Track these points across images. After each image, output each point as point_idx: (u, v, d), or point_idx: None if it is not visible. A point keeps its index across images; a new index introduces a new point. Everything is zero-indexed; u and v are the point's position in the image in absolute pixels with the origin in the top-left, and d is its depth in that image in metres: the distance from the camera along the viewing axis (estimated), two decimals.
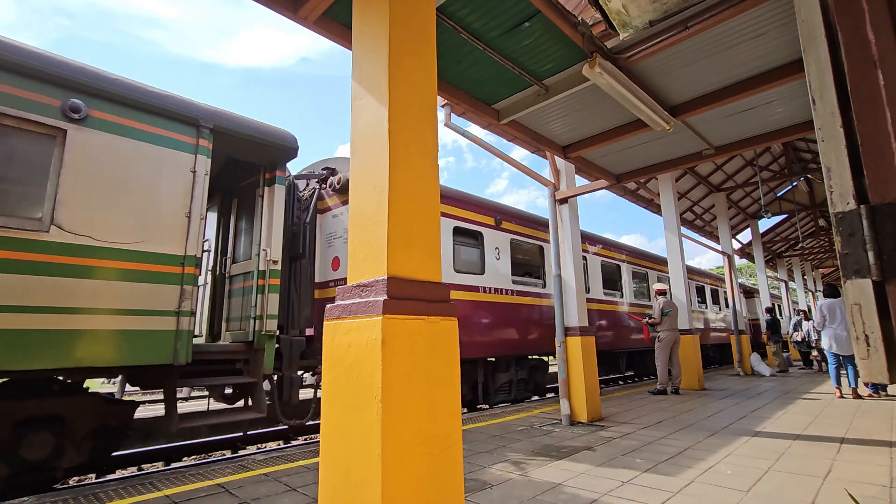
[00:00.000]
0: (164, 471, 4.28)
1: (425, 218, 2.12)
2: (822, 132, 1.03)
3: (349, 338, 1.96)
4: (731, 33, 3.98)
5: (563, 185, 6.35)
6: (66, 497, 3.13)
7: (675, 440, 4.43)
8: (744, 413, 5.84)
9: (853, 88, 0.97)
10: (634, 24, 3.52)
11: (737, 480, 3.17)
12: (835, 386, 7.15)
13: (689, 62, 4.35)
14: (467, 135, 5.12)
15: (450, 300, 2.14)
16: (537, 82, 4.48)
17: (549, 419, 5.78)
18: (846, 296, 0.96)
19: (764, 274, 15.37)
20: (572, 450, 4.16)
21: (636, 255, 12.33)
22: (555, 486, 3.13)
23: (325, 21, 3.49)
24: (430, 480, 1.86)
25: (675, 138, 5.86)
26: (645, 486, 3.08)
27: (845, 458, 3.64)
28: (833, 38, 1.04)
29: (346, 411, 1.92)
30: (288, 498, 3.04)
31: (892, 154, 0.90)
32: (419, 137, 2.17)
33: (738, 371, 11.39)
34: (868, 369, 0.93)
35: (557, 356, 5.70)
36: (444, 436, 1.96)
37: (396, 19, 2.17)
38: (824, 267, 27.03)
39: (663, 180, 9.84)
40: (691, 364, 8.68)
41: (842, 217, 0.97)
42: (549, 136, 5.77)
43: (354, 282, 2.06)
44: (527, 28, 3.75)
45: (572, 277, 5.96)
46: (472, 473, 3.49)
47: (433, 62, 2.35)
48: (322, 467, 2.01)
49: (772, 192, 14.76)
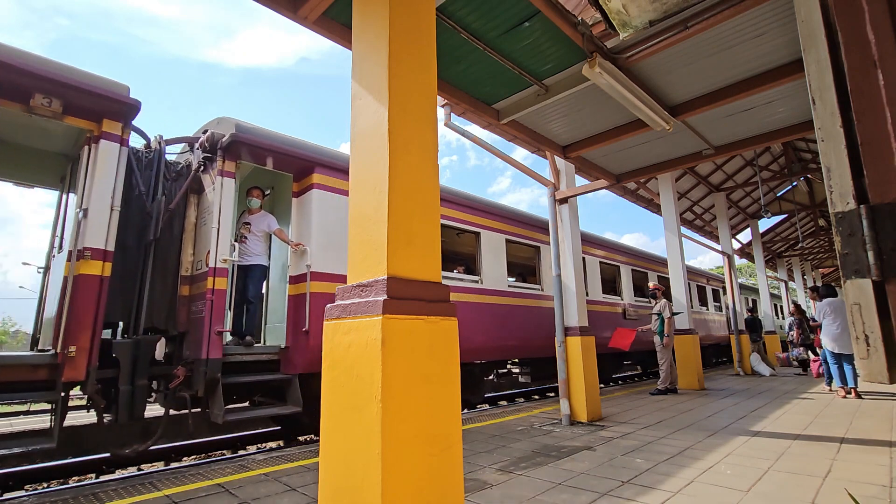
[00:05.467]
0: (164, 471, 4.28)
1: (425, 217, 2.12)
2: (822, 132, 1.03)
3: (349, 338, 1.96)
4: (731, 33, 3.98)
5: (563, 185, 6.35)
6: (66, 497, 3.13)
7: (675, 440, 4.43)
8: (744, 413, 5.84)
9: (853, 88, 0.97)
10: (634, 23, 3.52)
11: (737, 480, 3.17)
12: (838, 385, 7.15)
13: (689, 62, 4.35)
14: (467, 134, 5.12)
15: (450, 300, 2.14)
16: (537, 82, 4.48)
17: (549, 419, 5.78)
18: (846, 296, 0.96)
19: (764, 274, 15.37)
20: (572, 450, 4.16)
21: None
22: (555, 486, 3.13)
23: (325, 21, 3.49)
24: (429, 480, 1.86)
25: (675, 138, 5.86)
26: (645, 486, 3.08)
27: (845, 458, 3.64)
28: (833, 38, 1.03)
29: (346, 411, 1.92)
30: (288, 498, 3.04)
31: (892, 154, 0.90)
32: (419, 137, 2.17)
33: (738, 371, 11.40)
34: (868, 369, 0.93)
35: (557, 356, 5.70)
36: (444, 436, 1.96)
37: (396, 19, 2.17)
38: (824, 267, 27.02)
39: (663, 180, 9.84)
40: (691, 364, 8.68)
41: (842, 217, 0.96)
42: (549, 136, 5.77)
43: (354, 282, 2.06)
44: (527, 28, 3.75)
45: (572, 278, 5.96)
46: (472, 473, 3.49)
47: (433, 62, 2.35)
48: (322, 467, 2.01)
49: (772, 192, 14.75)
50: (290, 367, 5.07)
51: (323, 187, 5.47)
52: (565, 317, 5.83)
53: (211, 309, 4.54)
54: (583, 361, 5.63)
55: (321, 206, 5.38)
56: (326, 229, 5.36)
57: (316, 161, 5.46)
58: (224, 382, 4.51)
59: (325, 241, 5.32)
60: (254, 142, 4.98)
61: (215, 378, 4.42)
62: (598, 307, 9.89)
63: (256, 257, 5.41)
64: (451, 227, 7.12)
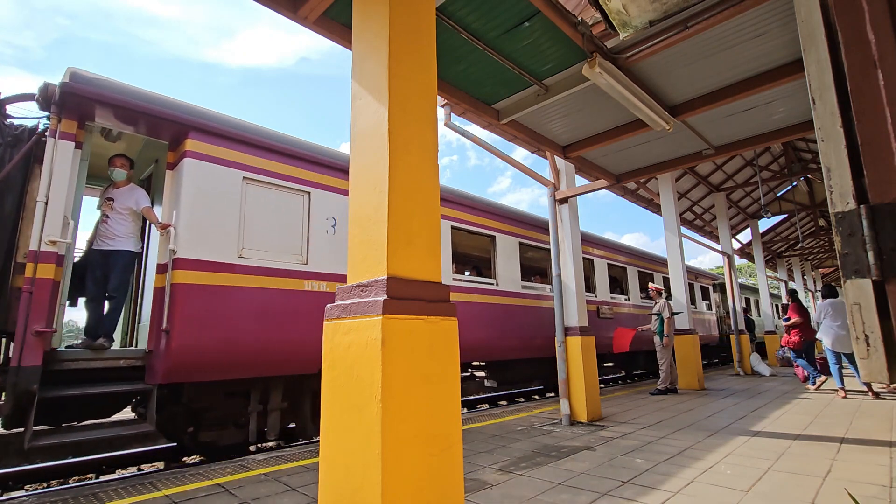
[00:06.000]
0: (164, 471, 4.27)
1: (425, 217, 2.12)
2: (822, 132, 1.03)
3: (349, 338, 1.96)
4: (731, 33, 3.98)
5: (563, 185, 6.36)
6: (66, 497, 3.13)
7: (675, 440, 4.43)
8: (744, 413, 5.84)
9: (853, 88, 0.97)
10: (634, 23, 3.52)
11: (737, 480, 3.17)
12: (838, 386, 7.17)
13: (689, 62, 4.35)
14: (467, 134, 5.12)
15: (450, 300, 2.14)
16: (537, 82, 4.48)
17: (549, 419, 5.78)
18: (846, 296, 0.96)
19: (764, 274, 15.36)
20: (572, 450, 4.16)
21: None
22: (555, 486, 3.13)
23: (325, 21, 3.50)
24: (430, 480, 1.86)
25: (675, 138, 5.86)
26: (645, 486, 3.08)
27: (845, 458, 3.64)
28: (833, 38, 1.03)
29: (346, 411, 1.92)
30: (288, 498, 3.04)
31: (892, 154, 0.90)
32: (419, 137, 2.17)
33: (738, 371, 11.39)
34: (868, 369, 0.93)
35: (557, 356, 5.70)
36: (444, 436, 1.96)
37: (396, 19, 2.17)
38: (824, 267, 27.02)
39: (663, 180, 9.84)
40: (691, 364, 8.68)
41: (842, 217, 0.97)
42: (549, 136, 5.77)
43: (354, 282, 2.06)
44: (527, 28, 3.75)
45: (572, 278, 5.96)
46: (472, 473, 3.49)
47: (433, 62, 2.35)
48: (322, 467, 2.01)
49: (772, 192, 14.75)
50: (151, 375, 4.22)
51: (199, 156, 4.49)
52: (565, 316, 5.83)
53: (29, 303, 3.60)
54: (583, 361, 5.64)
55: (194, 178, 4.42)
56: (200, 207, 4.41)
57: (190, 124, 4.49)
58: (49, 396, 3.64)
59: (197, 221, 4.38)
60: (94, 95, 3.96)
61: (28, 391, 3.48)
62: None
63: (121, 241, 4.42)
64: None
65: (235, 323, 4.46)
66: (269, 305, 4.71)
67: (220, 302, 4.39)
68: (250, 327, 4.54)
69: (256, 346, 4.57)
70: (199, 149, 4.53)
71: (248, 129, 4.97)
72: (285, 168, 5.16)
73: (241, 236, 4.68)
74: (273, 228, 4.97)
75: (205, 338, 4.26)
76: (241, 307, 4.53)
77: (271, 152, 5.07)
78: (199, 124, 4.56)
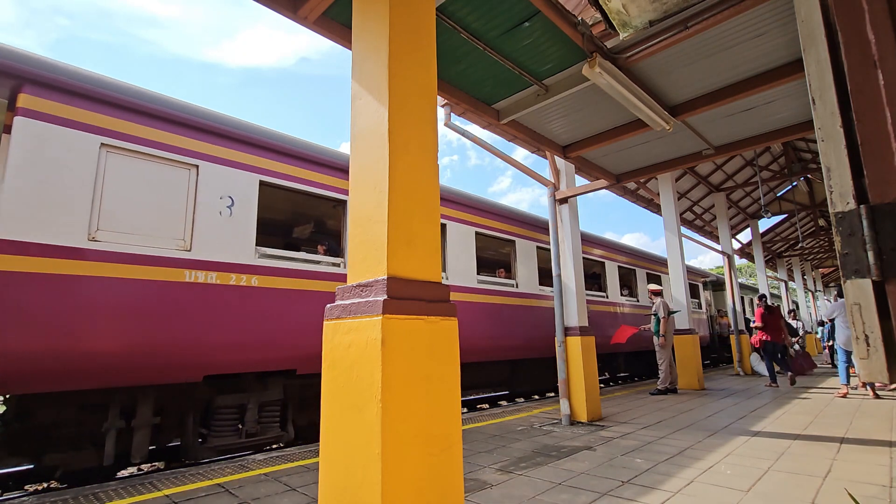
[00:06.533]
0: (164, 471, 4.27)
1: (425, 217, 2.12)
2: (822, 132, 1.03)
3: (349, 338, 1.96)
4: (731, 33, 3.98)
5: (562, 185, 6.36)
6: (66, 497, 3.13)
7: (674, 440, 4.43)
8: (743, 413, 5.84)
9: (853, 88, 0.97)
10: (634, 23, 3.52)
11: (737, 480, 3.17)
12: (842, 383, 7.23)
13: (689, 62, 4.35)
14: (467, 134, 5.12)
15: (450, 300, 2.14)
16: (537, 82, 4.48)
17: (549, 419, 5.78)
18: (846, 296, 0.96)
19: (764, 274, 15.36)
20: (572, 450, 4.16)
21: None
22: (555, 486, 3.13)
23: (325, 21, 3.50)
24: (429, 480, 1.86)
25: (675, 138, 5.86)
26: (645, 486, 3.08)
27: (845, 458, 3.64)
28: (833, 38, 1.03)
29: (346, 411, 1.92)
30: (288, 498, 3.04)
31: (892, 154, 0.90)
32: (419, 137, 2.17)
33: (738, 371, 11.39)
34: (868, 369, 0.93)
35: (557, 356, 5.70)
36: (444, 436, 1.96)
37: (396, 19, 2.17)
38: (824, 267, 27.03)
39: (663, 180, 9.84)
40: (691, 364, 8.69)
41: (842, 217, 0.96)
42: (549, 136, 5.77)
43: (354, 282, 2.06)
44: (527, 28, 3.75)
45: (572, 278, 5.96)
46: (472, 473, 3.49)
47: (433, 62, 2.35)
48: (322, 467, 2.01)
49: (772, 192, 14.76)
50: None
51: (35, 114, 3.71)
52: (565, 316, 5.83)
53: None
54: (583, 361, 5.64)
55: (26, 141, 3.63)
56: (34, 177, 3.62)
57: (25, 76, 3.69)
58: None
59: (28, 194, 3.58)
60: None
61: None
62: (539, 302, 8.52)
63: None
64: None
65: (84, 320, 3.66)
66: (134, 299, 3.91)
67: (60, 295, 3.58)
68: (106, 326, 3.75)
69: (115, 348, 3.78)
70: (37, 106, 3.73)
71: (111, 85, 4.12)
72: (163, 136, 4.29)
73: (96, 216, 3.84)
74: (143, 207, 4.10)
75: (41, 339, 3.47)
76: (93, 302, 3.72)
77: (144, 115, 4.22)
78: (37, 76, 3.74)
